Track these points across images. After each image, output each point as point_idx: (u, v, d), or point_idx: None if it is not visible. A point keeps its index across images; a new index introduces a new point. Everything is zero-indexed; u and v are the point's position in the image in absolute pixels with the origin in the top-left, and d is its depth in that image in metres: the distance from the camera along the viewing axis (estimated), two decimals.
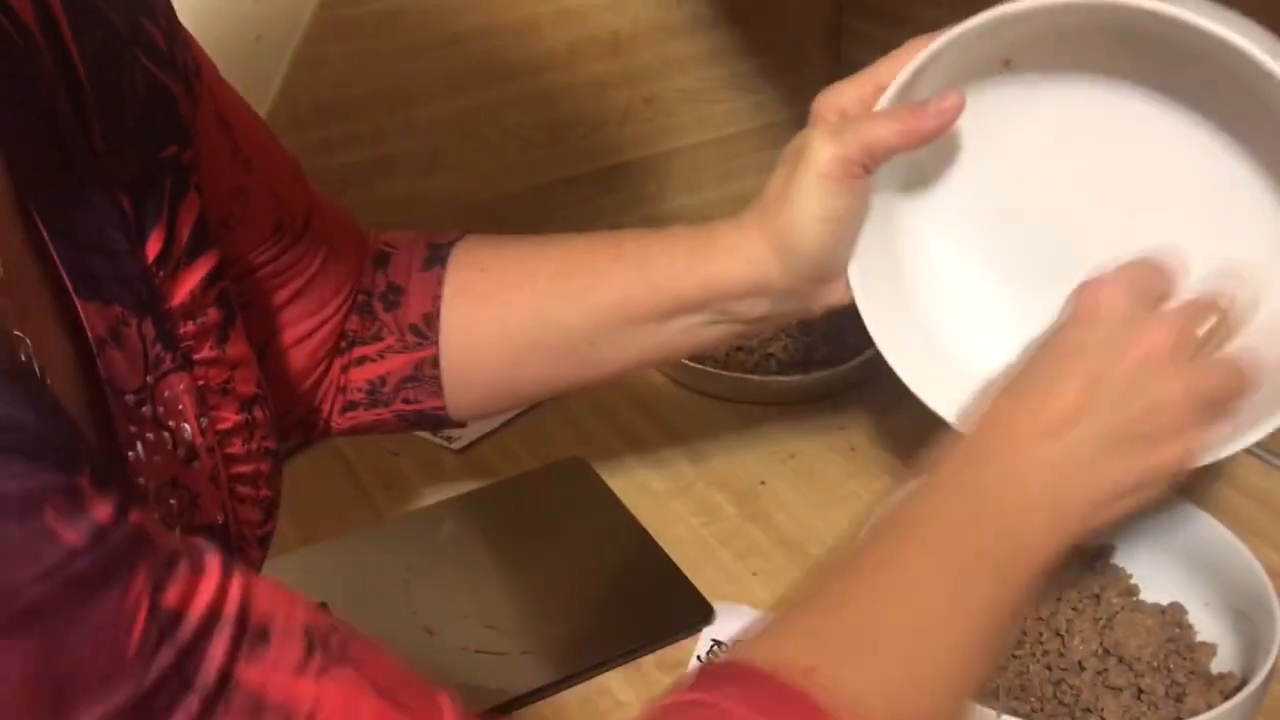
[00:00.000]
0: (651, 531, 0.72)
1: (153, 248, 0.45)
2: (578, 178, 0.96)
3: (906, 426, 0.81)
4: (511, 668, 0.63)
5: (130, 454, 0.43)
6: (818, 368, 0.84)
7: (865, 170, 0.53)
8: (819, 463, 0.79)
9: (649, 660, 0.64)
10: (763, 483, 0.77)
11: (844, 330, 0.88)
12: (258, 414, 0.50)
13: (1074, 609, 0.60)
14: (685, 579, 0.68)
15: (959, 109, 0.52)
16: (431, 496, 0.77)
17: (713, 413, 0.83)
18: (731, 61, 0.99)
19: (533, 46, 0.89)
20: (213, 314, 0.48)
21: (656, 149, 0.99)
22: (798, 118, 1.04)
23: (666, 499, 0.76)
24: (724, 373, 0.83)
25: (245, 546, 0.49)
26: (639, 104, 0.96)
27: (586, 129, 0.95)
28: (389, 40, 0.85)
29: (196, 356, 0.47)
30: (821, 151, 0.53)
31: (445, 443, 0.81)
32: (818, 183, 0.53)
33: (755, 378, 0.83)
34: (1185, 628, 0.60)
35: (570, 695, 0.62)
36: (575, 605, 0.68)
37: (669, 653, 0.65)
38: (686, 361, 0.83)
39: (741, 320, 0.59)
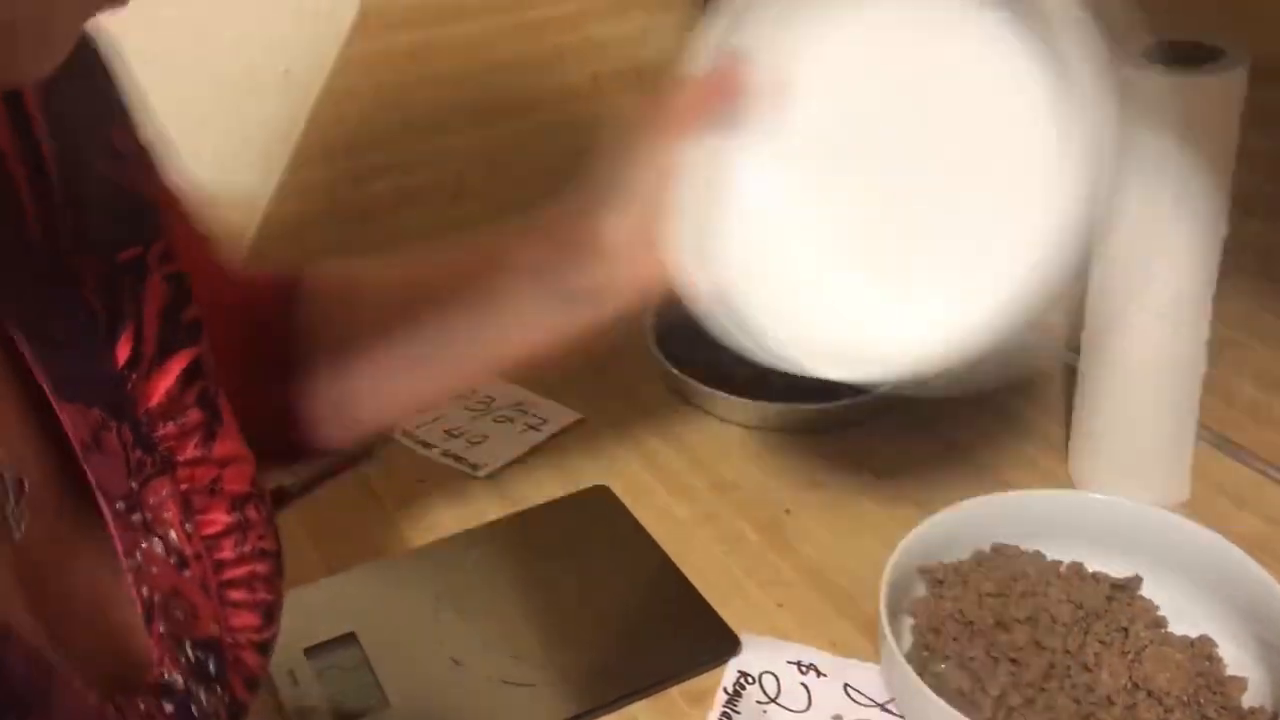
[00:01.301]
0: (676, 560, 0.72)
1: (123, 350, 0.45)
2: None
3: (931, 455, 0.81)
4: (538, 699, 0.63)
5: (130, 562, 0.43)
6: (842, 395, 0.84)
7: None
8: (844, 491, 0.79)
9: (675, 691, 0.64)
10: (787, 511, 0.77)
11: None
12: (251, 513, 0.48)
13: (1102, 642, 0.59)
14: (710, 609, 0.69)
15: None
16: (457, 525, 0.77)
17: (737, 441, 0.84)
18: None
19: (557, 78, 0.90)
20: (194, 415, 0.47)
21: None
22: None
23: (691, 527, 0.76)
24: (748, 400, 0.83)
25: (240, 654, 0.47)
26: None
27: None
28: (415, 72, 0.86)
29: (180, 458, 0.46)
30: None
31: (471, 471, 0.82)
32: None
33: (780, 405, 0.83)
34: (1215, 661, 0.60)
35: None
36: (601, 635, 0.68)
37: (695, 684, 0.65)
38: (711, 389, 0.83)
39: (570, 293, 0.58)
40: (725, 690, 0.64)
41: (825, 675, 0.65)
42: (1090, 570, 0.66)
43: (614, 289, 0.58)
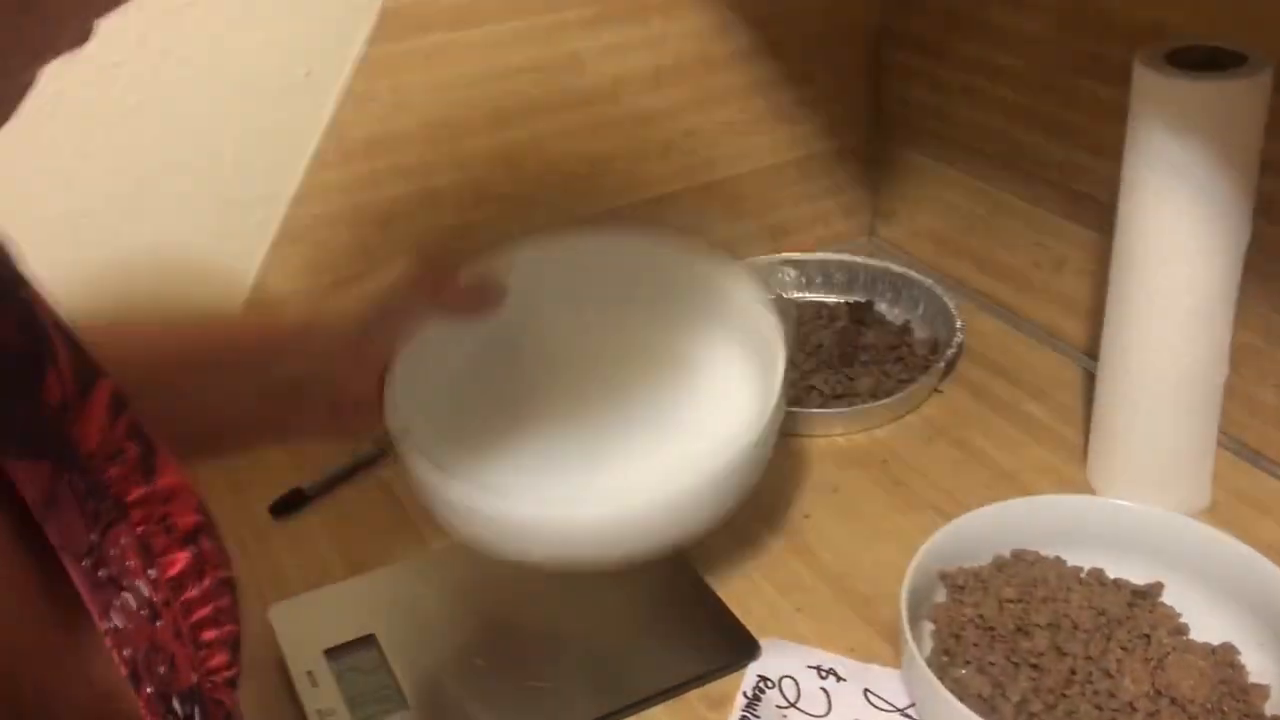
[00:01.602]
0: (695, 564, 0.72)
1: (52, 390, 0.41)
2: (619, 209, 0.97)
3: (950, 461, 0.81)
4: (557, 702, 0.63)
5: (106, 625, 0.40)
6: (860, 400, 0.84)
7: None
8: (862, 496, 0.78)
9: (694, 695, 0.64)
10: (806, 516, 0.77)
11: (887, 363, 0.88)
12: (205, 545, 0.46)
13: (1124, 648, 0.59)
14: (730, 613, 0.68)
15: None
16: None
17: None
18: (772, 94, 0.99)
19: (576, 80, 0.90)
20: (130, 449, 0.44)
21: (697, 181, 1.00)
22: (838, 149, 1.05)
23: (710, 532, 0.76)
24: None
25: (218, 695, 0.45)
26: (680, 137, 0.97)
27: (628, 162, 0.96)
28: (435, 75, 0.86)
29: (129, 499, 0.43)
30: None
31: None
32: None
33: (798, 410, 0.83)
34: (1237, 668, 0.60)
35: None
36: (620, 639, 0.68)
37: (715, 688, 0.65)
38: None
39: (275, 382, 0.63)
40: (745, 694, 0.64)
41: (845, 680, 0.65)
42: (1111, 577, 0.66)
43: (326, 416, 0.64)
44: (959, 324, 0.89)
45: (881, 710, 0.63)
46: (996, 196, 0.95)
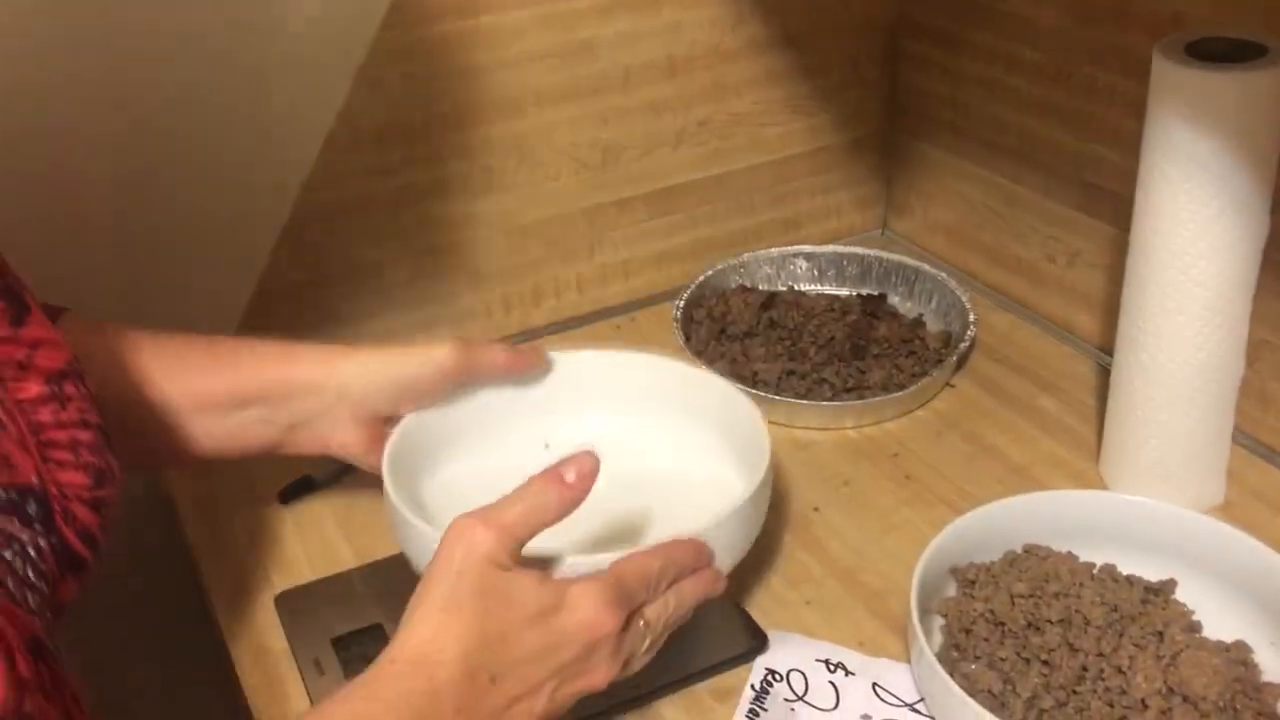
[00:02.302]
0: None
1: None
2: (631, 200, 0.97)
3: (960, 454, 0.80)
4: None
5: None
6: (872, 393, 0.84)
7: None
8: (872, 490, 0.78)
9: (702, 688, 0.64)
10: (816, 509, 0.76)
11: (899, 356, 0.87)
12: (70, 389, 0.52)
13: (1136, 645, 0.59)
14: (738, 606, 0.68)
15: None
16: None
17: None
18: (787, 84, 0.98)
19: (588, 69, 0.90)
20: None
21: (710, 172, 0.99)
22: (852, 141, 1.05)
23: None
24: (777, 398, 0.82)
25: (70, 506, 0.51)
26: (693, 127, 0.96)
27: (640, 151, 0.95)
28: (447, 63, 0.85)
29: None
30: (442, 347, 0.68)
31: None
32: (420, 357, 0.68)
33: (808, 403, 0.83)
34: (1251, 667, 0.59)
35: None
36: None
37: (723, 680, 0.64)
38: (744, 385, 0.83)
39: (285, 423, 0.68)
40: (752, 687, 0.64)
41: (854, 674, 0.64)
42: (1124, 573, 0.65)
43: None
44: (972, 318, 0.88)
45: (890, 705, 0.62)
46: (1011, 189, 0.95)
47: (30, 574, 0.48)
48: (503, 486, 0.70)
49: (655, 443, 0.74)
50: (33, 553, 0.49)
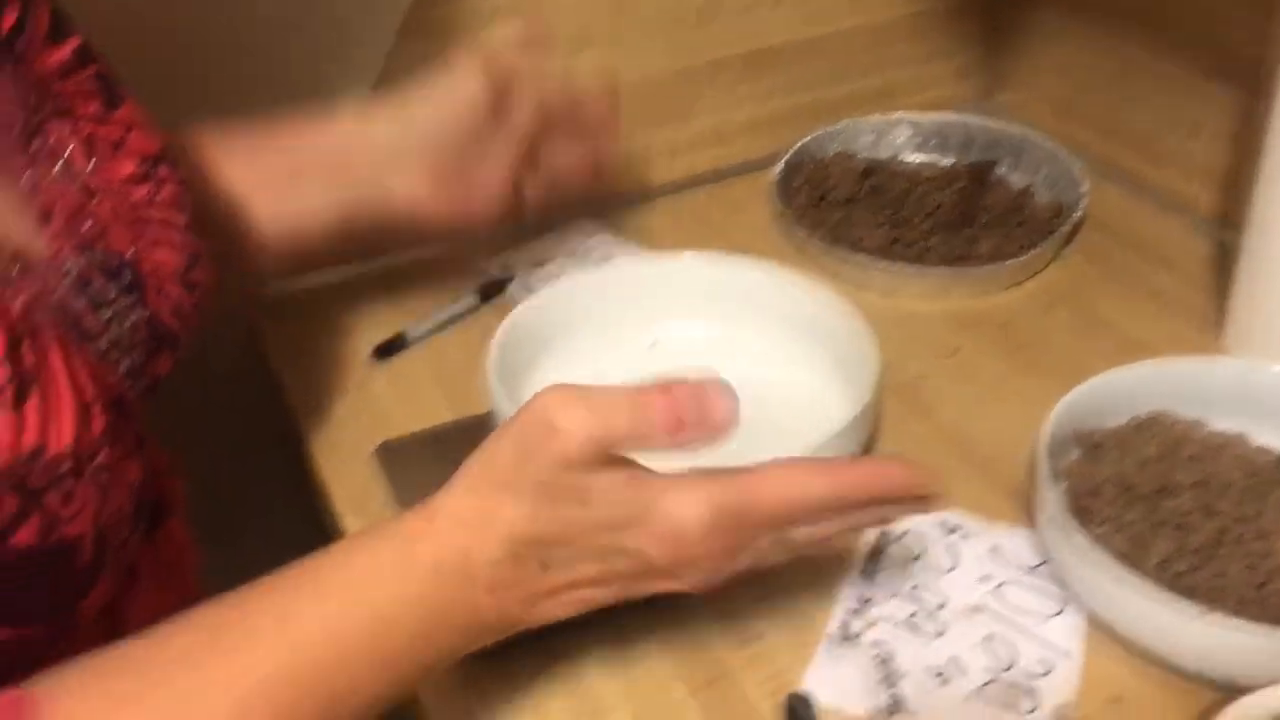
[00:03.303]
0: None
1: (8, 18, 0.48)
2: (726, 60, 0.93)
3: (1071, 327, 0.78)
4: None
5: (25, 179, 0.47)
6: (979, 264, 0.81)
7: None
8: (982, 360, 0.76)
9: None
10: (923, 378, 0.74)
11: (1008, 226, 0.84)
12: (163, 171, 0.53)
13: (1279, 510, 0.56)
14: None
15: None
16: None
17: (870, 307, 0.80)
18: None
19: None
20: (91, 84, 0.51)
21: (805, 34, 0.95)
22: (955, 4, 0.99)
23: None
24: (883, 261, 0.80)
25: (165, 285, 0.52)
26: None
27: (738, 10, 0.91)
28: None
29: (79, 112, 0.51)
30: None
31: None
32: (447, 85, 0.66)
33: (915, 269, 0.80)
34: None
35: None
36: None
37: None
38: (846, 252, 0.80)
39: (342, 190, 0.66)
40: (866, 547, 0.62)
41: (971, 536, 0.63)
42: (1254, 444, 0.63)
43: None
44: (1084, 187, 0.85)
45: (1010, 568, 0.61)
46: (1127, 54, 0.90)
47: (125, 339, 0.49)
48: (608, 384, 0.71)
49: (761, 352, 0.73)
50: (128, 321, 0.50)
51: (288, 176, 0.66)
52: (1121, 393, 0.64)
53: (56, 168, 0.49)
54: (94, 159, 0.50)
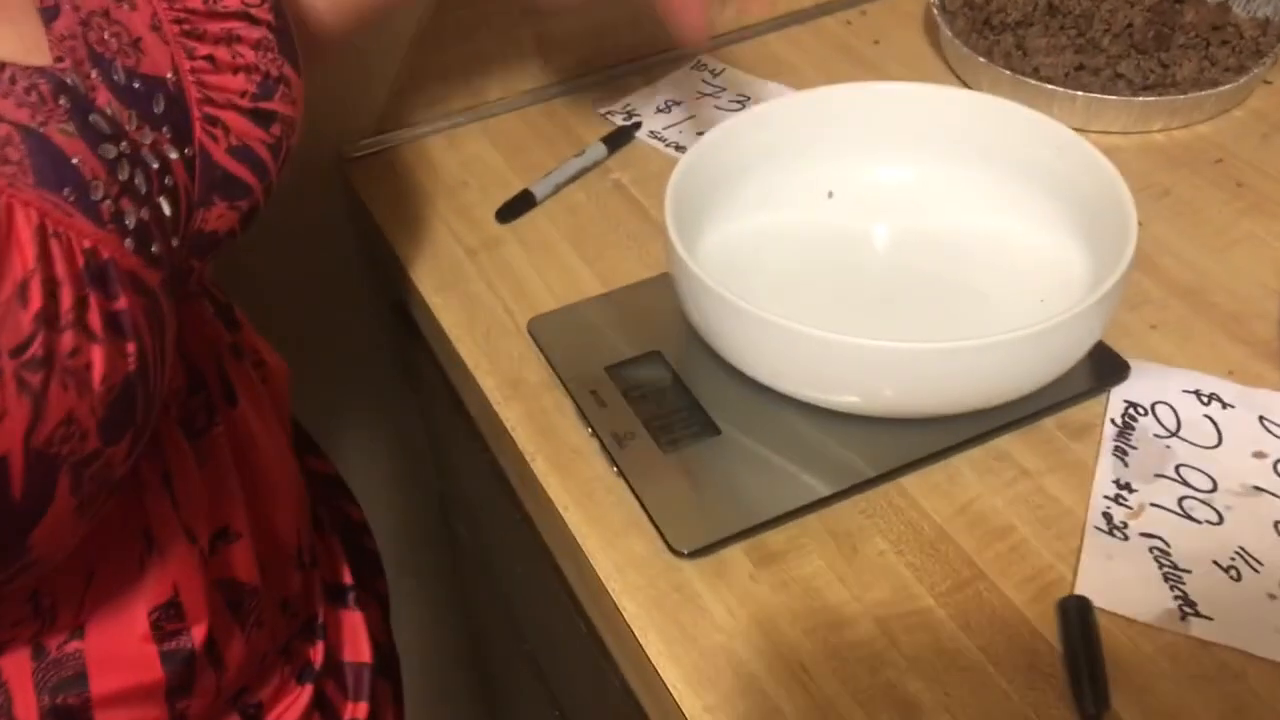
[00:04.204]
0: None
1: None
2: None
3: None
4: (894, 431, 0.53)
5: None
6: (1180, 90, 0.70)
7: None
8: (1200, 200, 0.66)
9: (1051, 423, 0.54)
10: (1139, 223, 0.65)
11: (1210, 46, 0.73)
12: None
13: None
14: None
15: None
16: None
17: None
18: None
19: None
20: None
21: None
22: None
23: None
24: (1070, 91, 0.69)
25: (219, 114, 0.42)
26: None
27: None
28: None
29: None
30: None
31: None
32: None
33: (1108, 98, 0.69)
34: None
35: (963, 460, 0.53)
36: None
37: (1074, 414, 0.54)
38: (1025, 80, 0.70)
39: None
40: (1113, 422, 0.54)
41: (1232, 406, 0.54)
42: None
43: None
44: None
45: None
46: None
47: (142, 184, 0.38)
48: (782, 242, 0.61)
49: (965, 197, 0.62)
50: (153, 161, 0.39)
51: None
52: None
53: None
54: None
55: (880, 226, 0.62)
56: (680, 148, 0.72)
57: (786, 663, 0.46)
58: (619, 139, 0.72)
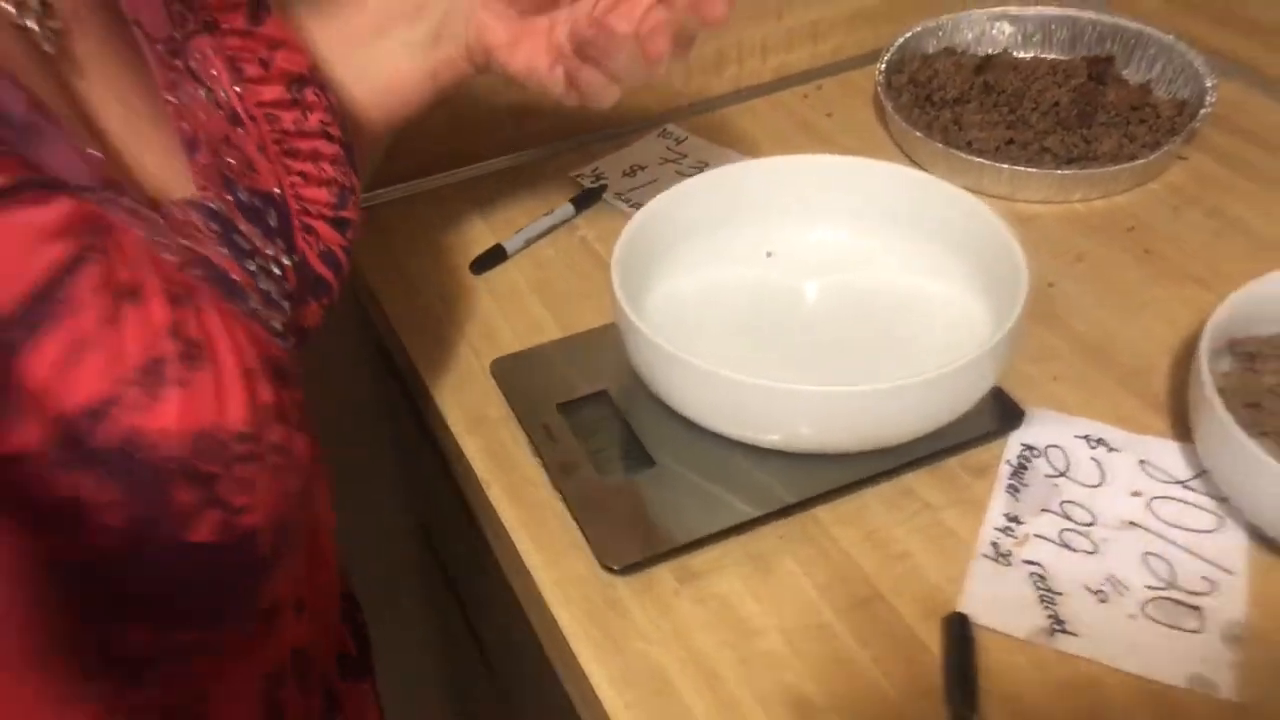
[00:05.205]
0: None
1: None
2: None
3: (1203, 230, 0.74)
4: (817, 464, 0.59)
5: (170, 99, 0.43)
6: (1098, 164, 0.77)
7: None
8: (1111, 266, 0.72)
9: (955, 463, 0.60)
10: (1051, 284, 0.71)
11: (1130, 124, 0.80)
12: (310, 96, 0.49)
13: None
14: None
15: None
16: None
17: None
18: None
19: None
20: None
21: None
22: None
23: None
24: (998, 165, 0.76)
25: (313, 223, 0.48)
26: None
27: None
28: None
29: (224, 25, 0.47)
30: None
31: None
32: None
33: (1036, 172, 0.76)
34: None
35: (873, 494, 0.59)
36: None
37: (976, 456, 0.60)
38: (958, 153, 0.76)
39: (424, 39, 0.59)
40: (1009, 463, 0.60)
41: (1117, 450, 0.60)
42: None
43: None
44: (1209, 83, 0.80)
45: (1161, 482, 0.58)
46: None
47: (274, 292, 0.44)
48: (723, 295, 0.68)
49: (888, 259, 0.69)
50: (275, 270, 0.45)
51: (372, 35, 0.58)
52: (1275, 299, 0.61)
53: (202, 91, 0.44)
54: (239, 86, 0.46)
55: (813, 283, 0.69)
56: (639, 206, 0.79)
57: (700, 668, 0.52)
58: (586, 199, 0.79)
